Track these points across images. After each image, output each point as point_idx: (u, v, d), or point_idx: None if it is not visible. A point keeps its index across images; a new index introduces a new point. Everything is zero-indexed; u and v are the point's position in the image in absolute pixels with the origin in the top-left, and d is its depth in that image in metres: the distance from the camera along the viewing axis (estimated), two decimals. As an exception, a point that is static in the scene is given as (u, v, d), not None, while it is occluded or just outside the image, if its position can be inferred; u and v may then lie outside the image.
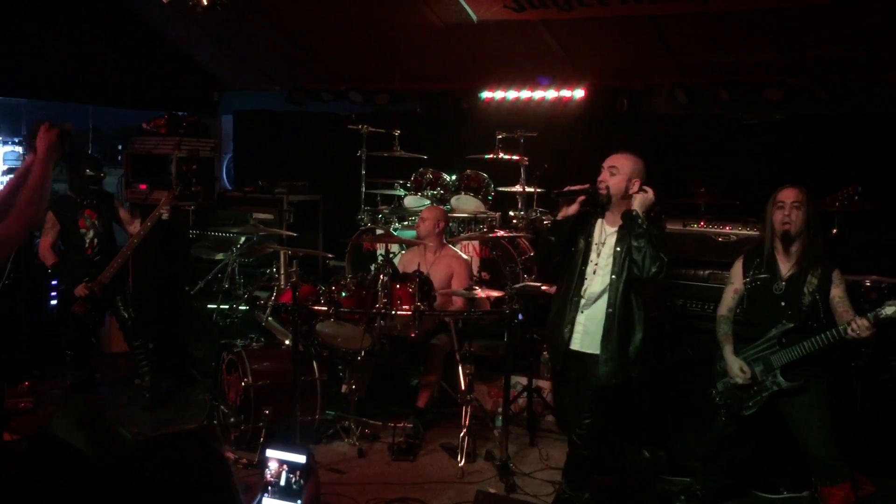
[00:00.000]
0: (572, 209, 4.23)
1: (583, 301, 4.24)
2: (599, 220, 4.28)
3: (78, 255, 6.10)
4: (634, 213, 4.08)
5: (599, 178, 4.25)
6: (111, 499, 1.56)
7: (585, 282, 4.24)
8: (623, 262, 4.12)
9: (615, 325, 4.15)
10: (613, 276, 4.15)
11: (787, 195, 4.31)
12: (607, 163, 4.26)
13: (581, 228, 4.29)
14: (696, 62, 7.07)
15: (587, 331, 4.23)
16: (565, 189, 4.28)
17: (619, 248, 4.15)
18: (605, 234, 4.24)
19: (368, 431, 5.60)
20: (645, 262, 4.02)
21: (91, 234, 6.10)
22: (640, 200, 4.12)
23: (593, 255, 4.24)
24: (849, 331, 4.00)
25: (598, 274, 4.21)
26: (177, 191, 6.39)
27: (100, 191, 6.29)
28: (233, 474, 1.65)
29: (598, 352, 4.18)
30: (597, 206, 4.25)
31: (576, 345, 4.26)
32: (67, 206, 6.13)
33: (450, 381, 5.76)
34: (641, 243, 4.03)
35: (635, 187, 4.20)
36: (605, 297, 4.18)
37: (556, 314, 4.35)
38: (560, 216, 4.28)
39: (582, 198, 4.21)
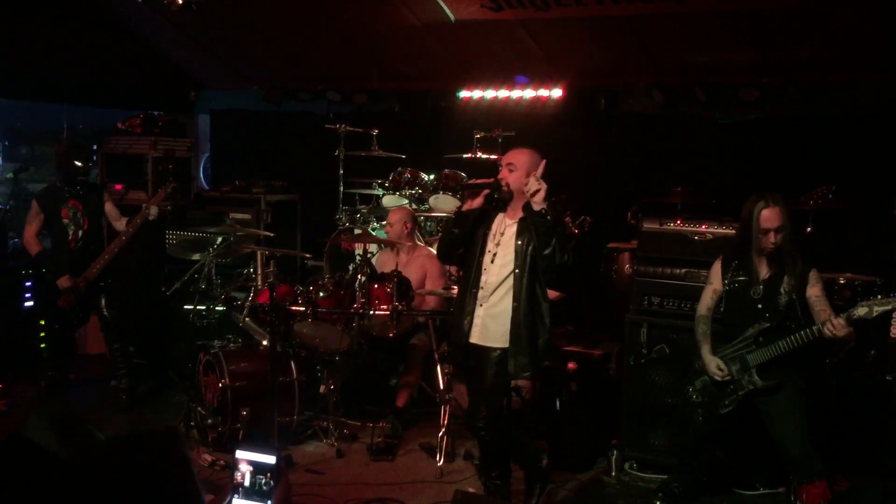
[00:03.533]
0: (476, 202, 4.27)
1: (481, 292, 4.26)
2: (500, 214, 4.33)
3: (61, 247, 6.04)
4: (542, 210, 4.04)
5: (499, 176, 4.29)
6: (73, 497, 1.56)
7: (483, 273, 4.26)
8: (525, 256, 4.14)
9: (522, 320, 4.16)
10: (517, 271, 4.16)
11: (772, 220, 4.25)
12: (505, 160, 4.32)
13: (481, 222, 4.33)
14: (673, 62, 7.12)
15: (486, 324, 4.24)
16: (470, 182, 4.32)
17: (520, 242, 4.17)
18: (504, 226, 4.28)
19: (347, 432, 5.59)
20: (556, 255, 4.02)
21: (74, 225, 6.03)
22: (541, 197, 4.05)
23: (490, 246, 4.27)
24: (825, 330, 4.04)
25: (496, 264, 4.24)
26: (169, 188, 6.28)
27: (87, 182, 6.22)
28: (194, 475, 1.65)
29: (497, 345, 4.20)
30: (499, 201, 4.29)
31: (475, 338, 4.27)
32: (52, 195, 6.06)
33: (428, 381, 5.76)
34: (550, 238, 4.03)
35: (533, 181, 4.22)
36: (507, 290, 4.20)
37: (457, 307, 4.38)
38: (465, 208, 4.33)
39: (486, 192, 4.25)
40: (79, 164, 6.06)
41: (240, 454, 2.34)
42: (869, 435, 4.88)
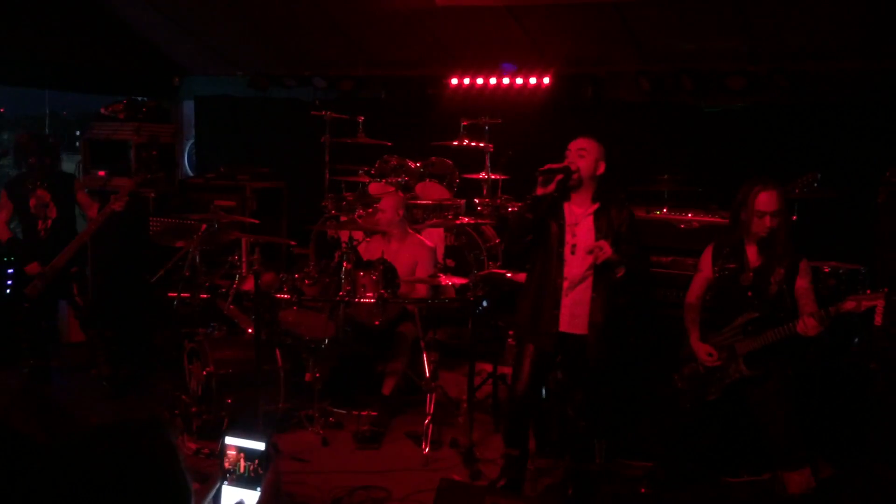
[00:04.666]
0: (550, 188, 4.24)
1: (566, 284, 4.30)
2: (566, 203, 4.33)
3: (31, 237, 6.00)
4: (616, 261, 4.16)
5: (568, 161, 4.29)
6: (58, 487, 1.54)
7: (566, 265, 4.30)
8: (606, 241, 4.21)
9: (601, 310, 4.25)
10: (597, 264, 4.22)
11: (769, 204, 4.24)
12: (575, 145, 4.31)
13: (553, 209, 4.33)
14: (660, 50, 7.11)
15: (574, 313, 4.30)
16: (546, 167, 4.28)
17: (599, 234, 4.23)
18: (576, 217, 4.30)
19: (333, 420, 5.56)
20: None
21: (42, 215, 5.98)
22: (608, 254, 4.13)
23: (568, 237, 4.29)
24: (797, 327, 4.07)
25: (577, 255, 4.27)
26: (139, 179, 6.22)
27: (57, 172, 6.15)
28: (181, 463, 1.63)
29: (585, 333, 4.29)
30: (566, 188, 4.28)
31: (564, 327, 4.33)
32: (20, 185, 6.01)
33: (415, 369, 5.75)
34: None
35: (602, 168, 4.32)
36: (590, 281, 4.27)
37: (537, 297, 4.37)
38: (539, 193, 4.28)
39: (560, 177, 4.23)
40: (31, 161, 5.97)
41: (229, 440, 2.31)
42: (853, 423, 4.90)
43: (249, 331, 5.54)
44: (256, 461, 2.22)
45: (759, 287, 4.30)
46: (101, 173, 7.41)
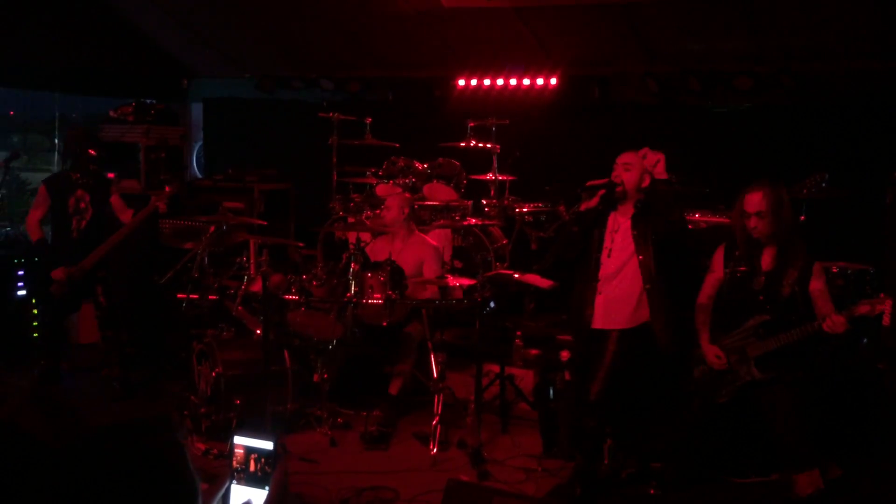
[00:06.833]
0: (593, 202, 4.49)
1: (600, 284, 4.55)
2: (612, 213, 4.56)
3: (63, 236, 6.01)
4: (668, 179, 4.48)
5: (614, 175, 4.51)
6: (67, 486, 1.55)
7: (601, 267, 4.53)
8: (645, 240, 4.42)
9: (658, 299, 4.44)
10: (641, 257, 4.43)
11: (751, 204, 4.32)
12: (621, 160, 4.55)
13: (598, 222, 4.59)
14: (667, 50, 7.11)
15: (607, 310, 4.53)
16: (588, 184, 4.52)
17: (636, 231, 4.44)
18: (618, 224, 4.53)
19: (341, 420, 5.57)
20: (681, 219, 4.58)
21: (78, 215, 5.99)
22: (663, 166, 4.49)
23: (607, 242, 4.54)
24: (824, 326, 4.07)
25: (613, 258, 4.51)
26: (175, 189, 6.25)
27: (98, 173, 6.18)
28: (189, 463, 1.64)
29: (616, 327, 4.47)
30: (612, 201, 4.50)
31: (597, 324, 4.56)
32: (61, 183, 6.02)
33: (423, 370, 5.75)
34: (677, 202, 4.51)
35: (647, 181, 4.53)
36: (623, 278, 4.47)
37: (577, 300, 4.64)
38: (583, 208, 4.53)
39: (602, 192, 4.44)
40: (93, 152, 6.01)
41: (238, 440, 2.32)
42: (861, 423, 4.89)
43: (258, 332, 5.56)
44: (264, 460, 2.23)
45: (772, 291, 4.30)
46: (110, 175, 7.44)
